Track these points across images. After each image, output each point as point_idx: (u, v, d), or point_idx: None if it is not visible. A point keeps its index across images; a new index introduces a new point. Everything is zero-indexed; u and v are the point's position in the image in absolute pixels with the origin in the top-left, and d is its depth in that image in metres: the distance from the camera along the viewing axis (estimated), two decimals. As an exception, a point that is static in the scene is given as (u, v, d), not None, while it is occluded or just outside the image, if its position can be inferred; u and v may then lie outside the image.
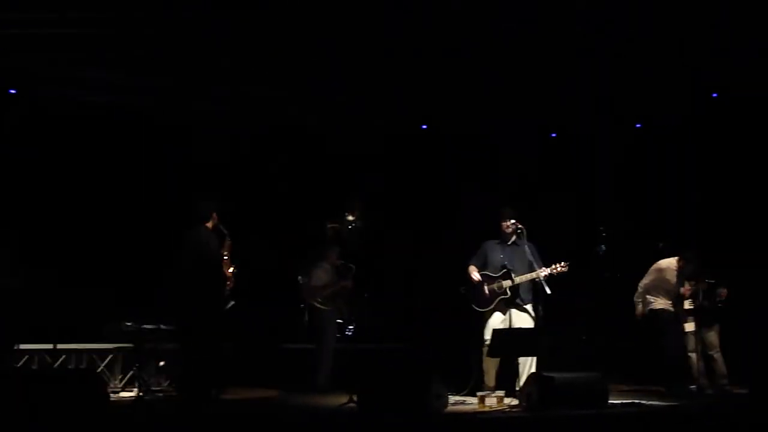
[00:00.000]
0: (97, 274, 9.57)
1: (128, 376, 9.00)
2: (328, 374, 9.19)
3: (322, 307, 9.34)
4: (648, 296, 9.07)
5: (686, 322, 9.13)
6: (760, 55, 8.98)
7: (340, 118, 10.82)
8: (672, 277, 8.96)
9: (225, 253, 8.22)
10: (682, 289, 9.09)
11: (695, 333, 9.14)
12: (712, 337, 9.16)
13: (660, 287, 9.04)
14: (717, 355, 9.12)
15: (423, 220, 11.05)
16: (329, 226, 9.83)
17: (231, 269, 8.22)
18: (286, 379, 9.34)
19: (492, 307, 8.07)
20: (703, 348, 9.16)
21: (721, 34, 8.65)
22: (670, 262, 9.06)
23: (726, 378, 9.01)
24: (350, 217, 9.65)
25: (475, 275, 8.17)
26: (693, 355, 9.11)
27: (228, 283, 8.14)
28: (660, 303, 9.00)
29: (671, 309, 8.95)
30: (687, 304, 9.15)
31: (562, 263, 7.91)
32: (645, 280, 9.16)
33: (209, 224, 8.13)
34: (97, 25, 8.19)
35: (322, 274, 9.43)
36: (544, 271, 7.88)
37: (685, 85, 10.00)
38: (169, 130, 10.29)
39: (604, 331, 10.52)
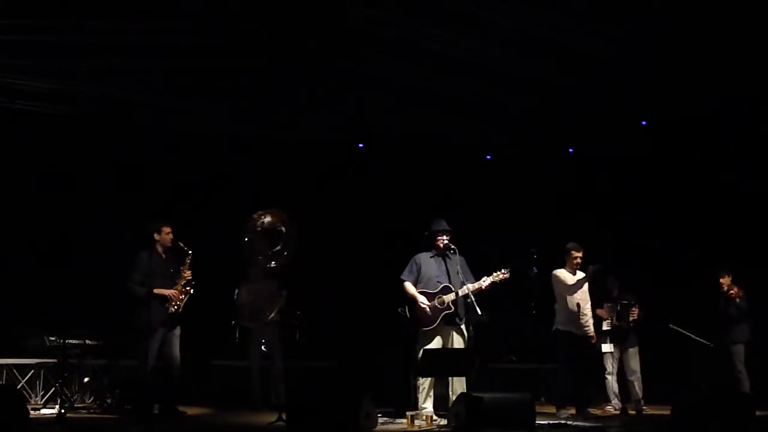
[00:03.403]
0: (19, 286, 9.33)
1: (50, 392, 8.76)
2: (256, 392, 9.01)
3: (247, 325, 9.20)
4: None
5: (604, 343, 9.24)
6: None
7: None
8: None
9: (183, 269, 8.15)
10: (598, 311, 9.19)
11: (612, 354, 9.30)
12: (632, 360, 9.24)
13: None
14: (635, 378, 9.19)
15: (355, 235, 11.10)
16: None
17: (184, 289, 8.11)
18: (218, 396, 9.23)
19: (436, 324, 7.80)
20: (622, 370, 9.29)
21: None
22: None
23: (641, 401, 9.13)
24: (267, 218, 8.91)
25: (422, 300, 7.84)
26: (609, 377, 9.30)
27: (174, 302, 8.03)
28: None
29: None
30: (605, 325, 9.26)
31: (503, 270, 7.80)
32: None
33: (158, 246, 8.13)
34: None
35: (244, 292, 9.25)
36: (486, 280, 7.76)
37: (617, 112, 10.29)
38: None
39: (534, 352, 10.68)
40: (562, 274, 8.81)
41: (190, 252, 8.18)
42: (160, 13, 8.04)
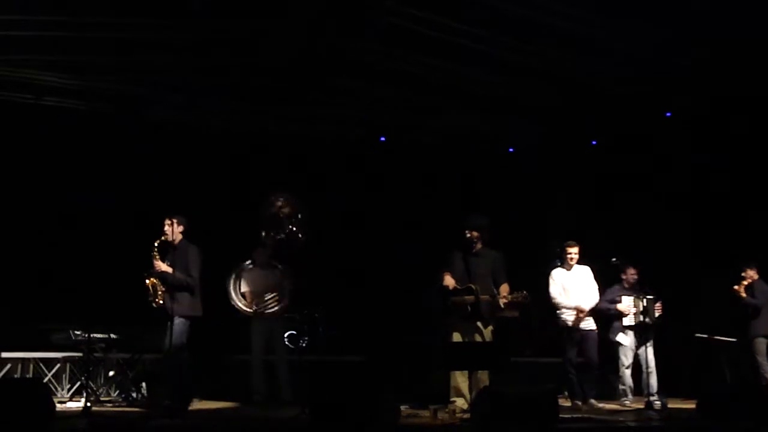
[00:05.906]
0: (45, 280, 9.41)
1: (76, 386, 8.84)
2: (261, 386, 8.84)
3: (249, 313, 8.96)
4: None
5: (623, 335, 9.20)
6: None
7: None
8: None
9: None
10: (618, 306, 9.14)
11: (630, 348, 9.23)
12: (649, 355, 9.14)
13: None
14: (650, 372, 9.08)
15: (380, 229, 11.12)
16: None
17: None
18: (235, 390, 9.27)
19: (456, 321, 7.86)
20: (638, 364, 9.21)
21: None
22: None
23: (656, 394, 9.00)
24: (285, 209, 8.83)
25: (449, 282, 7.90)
26: (626, 371, 9.23)
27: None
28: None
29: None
30: (626, 320, 9.18)
31: (524, 293, 7.78)
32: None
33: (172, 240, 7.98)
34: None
35: (244, 280, 9.04)
36: (503, 300, 7.77)
37: (638, 103, 10.21)
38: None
39: (557, 347, 10.63)
40: (554, 275, 8.89)
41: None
42: (171, 12, 8.12)
